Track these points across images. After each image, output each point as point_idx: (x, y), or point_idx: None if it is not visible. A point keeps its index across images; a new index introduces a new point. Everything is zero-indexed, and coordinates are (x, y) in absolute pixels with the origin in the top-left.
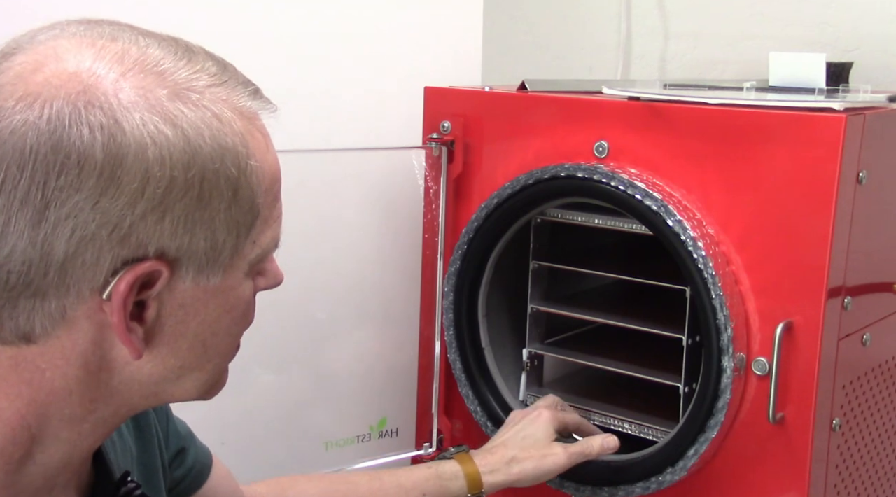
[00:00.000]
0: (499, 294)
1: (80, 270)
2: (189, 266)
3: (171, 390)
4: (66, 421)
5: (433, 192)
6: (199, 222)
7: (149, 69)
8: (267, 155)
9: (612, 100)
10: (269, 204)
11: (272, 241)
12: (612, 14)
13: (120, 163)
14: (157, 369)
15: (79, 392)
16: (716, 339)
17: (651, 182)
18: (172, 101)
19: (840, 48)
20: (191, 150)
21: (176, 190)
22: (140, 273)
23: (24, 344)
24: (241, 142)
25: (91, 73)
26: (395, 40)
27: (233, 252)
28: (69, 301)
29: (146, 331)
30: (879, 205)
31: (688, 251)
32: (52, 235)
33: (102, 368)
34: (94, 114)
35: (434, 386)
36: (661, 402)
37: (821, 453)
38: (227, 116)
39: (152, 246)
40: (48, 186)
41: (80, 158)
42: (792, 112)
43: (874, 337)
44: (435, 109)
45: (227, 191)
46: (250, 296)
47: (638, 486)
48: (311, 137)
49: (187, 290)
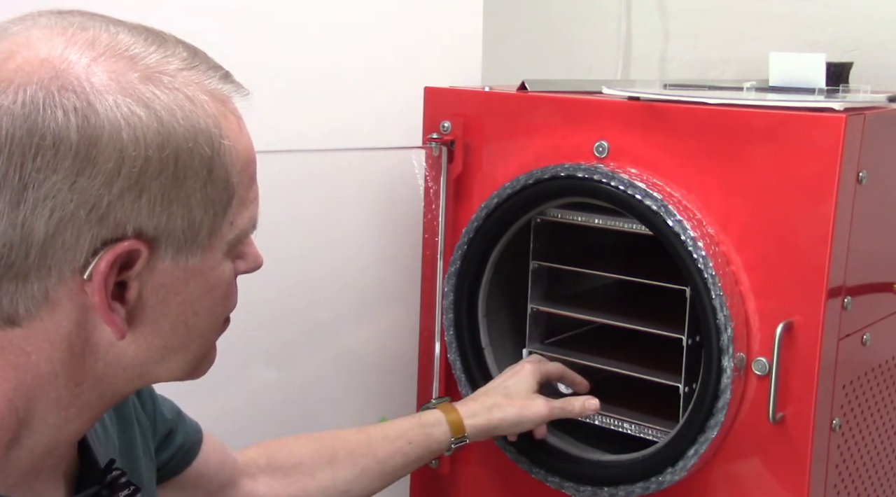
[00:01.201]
0: (499, 294)
1: (61, 251)
2: (168, 245)
3: (155, 371)
4: (52, 405)
5: (433, 192)
6: (175, 201)
7: (120, 54)
8: (240, 137)
9: (612, 100)
10: (244, 185)
11: (249, 223)
12: (612, 14)
13: (94, 143)
14: (141, 350)
15: (64, 375)
16: (716, 339)
17: (651, 182)
18: (145, 84)
19: (840, 48)
20: (164, 131)
21: (151, 169)
22: (119, 252)
23: (9, 327)
24: (213, 123)
25: (63, 59)
26: (395, 40)
27: (210, 231)
28: (51, 282)
29: (128, 311)
30: (879, 205)
31: (688, 251)
32: (31, 216)
33: (87, 351)
34: (68, 97)
35: (434, 386)
36: (661, 402)
37: (821, 453)
38: (200, 98)
39: (130, 225)
40: (25, 168)
41: (55, 140)
42: (792, 112)
43: (874, 337)
44: (435, 109)
45: (201, 170)
46: (230, 277)
47: (638, 486)
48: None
49: (167, 269)
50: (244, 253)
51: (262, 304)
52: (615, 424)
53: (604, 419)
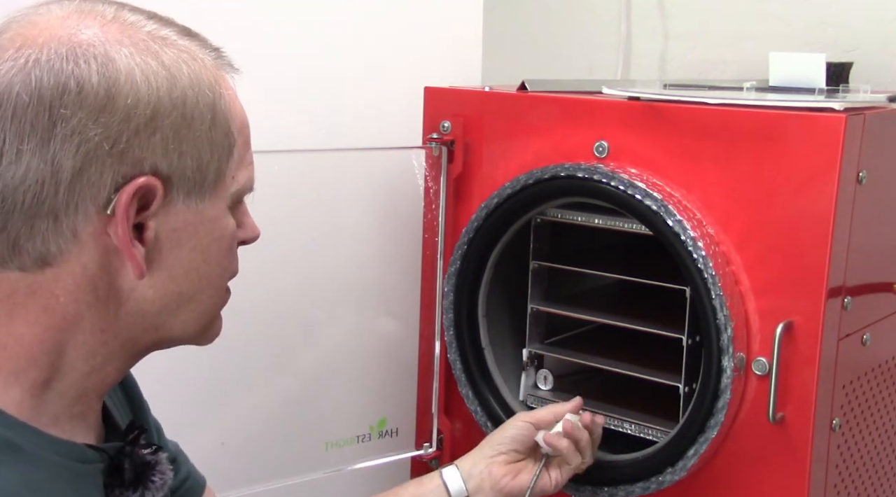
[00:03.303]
0: (499, 294)
1: (87, 187)
2: (180, 187)
3: (171, 322)
4: (80, 350)
5: (433, 192)
6: (184, 141)
7: (128, 23)
8: (236, 100)
9: (612, 100)
10: (242, 143)
11: (248, 182)
12: (612, 14)
13: (113, 83)
14: (159, 296)
15: (90, 319)
16: (716, 339)
17: (651, 182)
18: (153, 41)
19: (840, 48)
20: (171, 77)
21: (163, 108)
22: (139, 186)
23: (40, 269)
24: (213, 78)
25: (81, 25)
26: (395, 40)
27: (216, 177)
28: (79, 219)
29: (147, 252)
30: (879, 205)
31: (688, 251)
32: (60, 152)
33: (110, 295)
34: (87, 50)
35: (434, 386)
36: (661, 402)
37: (821, 453)
38: (200, 57)
39: (147, 162)
40: (54, 107)
41: (78, 82)
42: (792, 112)
43: (874, 337)
44: (435, 109)
45: (206, 113)
46: (233, 233)
47: (638, 486)
48: (311, 137)
49: (180, 213)
50: (243, 222)
51: (262, 303)
52: (615, 424)
53: (604, 419)
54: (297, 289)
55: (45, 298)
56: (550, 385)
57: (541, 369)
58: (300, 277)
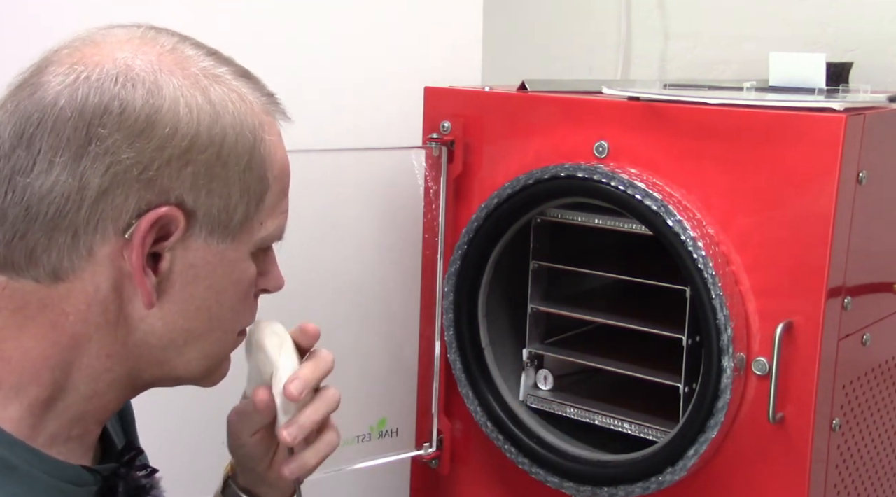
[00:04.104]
0: (499, 294)
1: (110, 208)
2: (203, 224)
3: (176, 360)
4: (84, 372)
5: (433, 192)
6: (216, 179)
7: (185, 56)
8: (280, 146)
9: (612, 100)
10: (277, 190)
11: (277, 230)
12: (612, 14)
13: (156, 111)
14: (167, 330)
15: (97, 341)
16: (716, 339)
17: (651, 182)
18: (204, 78)
19: (840, 48)
20: (215, 114)
21: (200, 143)
22: (160, 215)
23: (54, 282)
24: (258, 122)
25: (138, 52)
26: (395, 40)
27: (243, 220)
28: (96, 239)
29: (159, 282)
30: (879, 205)
31: (688, 251)
32: (90, 169)
33: (120, 320)
34: (138, 75)
35: (434, 386)
36: (661, 402)
37: (821, 453)
38: (249, 99)
39: (174, 193)
40: (93, 125)
41: (122, 104)
42: (792, 112)
43: (874, 337)
44: (435, 109)
45: (243, 155)
46: (252, 279)
47: (638, 486)
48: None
49: (199, 249)
50: (267, 270)
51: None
52: (615, 424)
53: (604, 419)
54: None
55: (55, 314)
56: (550, 385)
57: (541, 369)
58: (300, 277)
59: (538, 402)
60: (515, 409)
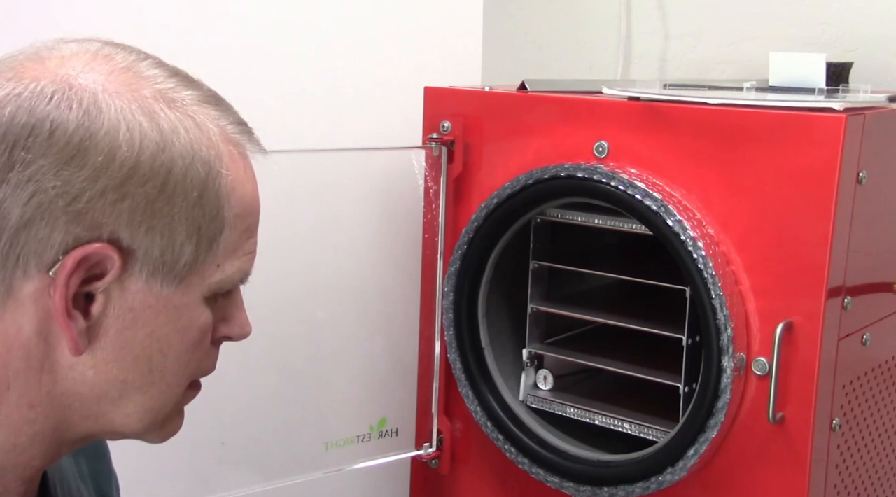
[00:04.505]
0: (499, 294)
1: (33, 241)
2: (144, 264)
3: (111, 414)
4: (2, 423)
5: (433, 192)
6: (158, 215)
7: (139, 75)
8: (245, 181)
9: (612, 100)
10: (239, 230)
11: (238, 273)
12: (612, 14)
13: (90, 136)
14: (100, 380)
15: (18, 389)
16: (716, 339)
17: (651, 182)
18: (156, 101)
19: (840, 48)
20: (162, 142)
21: (139, 175)
22: (89, 253)
23: None
24: (216, 154)
25: (84, 67)
26: (395, 40)
27: (192, 262)
28: (16, 275)
29: (90, 327)
30: (879, 205)
31: (688, 251)
32: (10, 197)
33: (45, 368)
34: (77, 94)
35: (434, 386)
36: (661, 402)
37: (821, 453)
38: (208, 127)
39: (107, 228)
40: (17, 147)
41: (52, 126)
42: (792, 112)
43: (874, 337)
44: (435, 109)
45: (192, 190)
46: (206, 327)
47: (638, 486)
48: (311, 137)
49: (139, 292)
50: (230, 315)
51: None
52: (615, 424)
53: (604, 419)
54: (296, 289)
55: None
56: (550, 385)
57: (541, 369)
58: (300, 277)
59: (538, 402)
60: (515, 409)
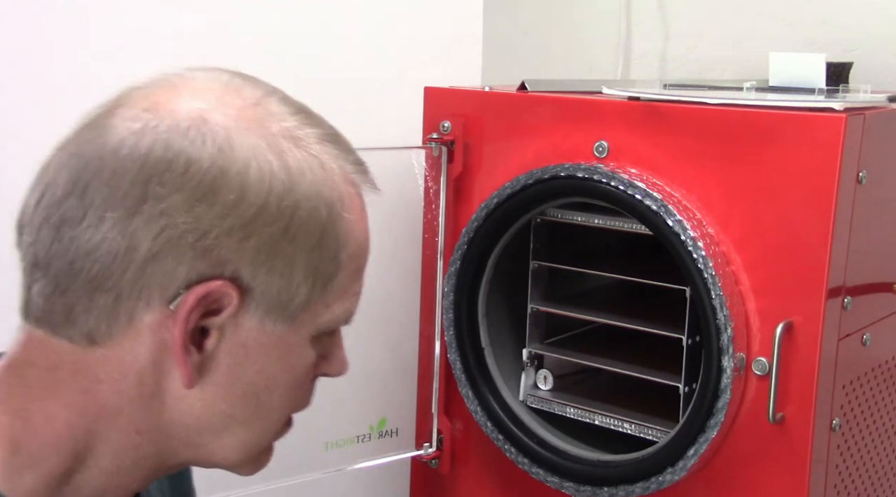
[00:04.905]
0: (499, 294)
1: (158, 274)
2: (260, 302)
3: (212, 445)
4: (110, 446)
5: (433, 192)
6: (280, 255)
7: (268, 113)
8: (360, 222)
9: (612, 100)
10: (350, 272)
11: (344, 314)
12: (612, 14)
13: (222, 174)
14: (207, 412)
15: (128, 414)
16: (716, 339)
17: (651, 182)
18: (283, 139)
19: (840, 48)
20: (290, 183)
21: (267, 214)
22: (211, 289)
23: (89, 345)
24: (338, 196)
25: (217, 101)
26: (395, 40)
27: (305, 302)
28: (139, 306)
29: (203, 360)
30: (879, 205)
31: (688, 251)
32: (142, 229)
33: (155, 396)
34: (211, 129)
35: (434, 386)
36: (661, 402)
37: (821, 453)
38: (331, 168)
39: (230, 266)
40: (152, 181)
41: (187, 162)
42: (792, 112)
43: (874, 337)
44: (435, 109)
45: (314, 232)
46: (309, 367)
47: (638, 486)
48: None
49: (252, 329)
50: (331, 353)
51: None
52: (615, 424)
53: (604, 419)
54: None
55: (87, 380)
56: (550, 385)
57: (541, 369)
58: None
59: (538, 402)
60: (515, 409)
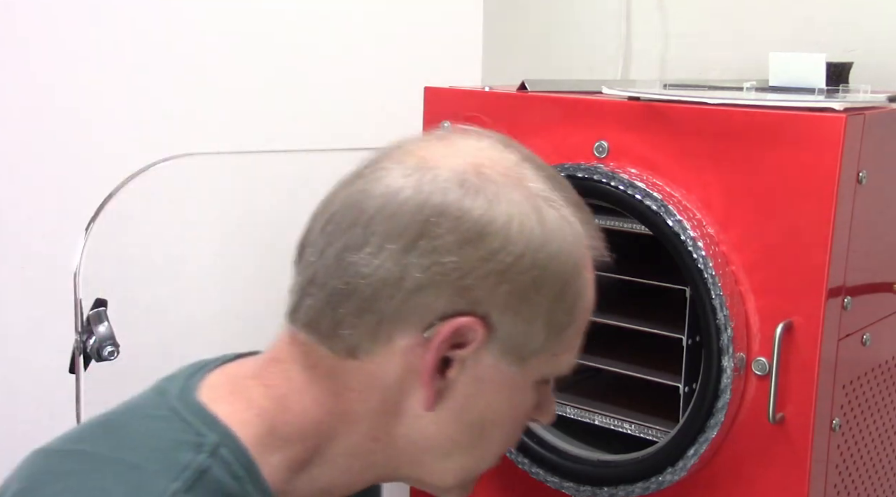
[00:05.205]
0: None
1: (420, 305)
2: (500, 342)
3: (434, 466)
4: (346, 447)
5: None
6: (526, 303)
7: (527, 175)
8: (592, 283)
9: (612, 100)
10: (579, 325)
11: (566, 365)
12: (612, 14)
13: (490, 224)
14: (437, 434)
15: (368, 423)
16: (716, 339)
17: (651, 182)
18: (544, 201)
19: (840, 48)
20: (544, 239)
21: (522, 265)
22: (463, 324)
23: (347, 357)
24: (579, 255)
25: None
26: (395, 40)
27: (538, 349)
28: (397, 330)
29: (443, 387)
30: (879, 205)
31: (688, 251)
32: (414, 262)
33: (395, 412)
34: (483, 184)
35: None
36: (661, 402)
37: (821, 453)
38: (578, 233)
39: (482, 306)
40: (429, 222)
41: (460, 212)
42: (792, 112)
43: (874, 337)
44: (435, 109)
45: (557, 286)
46: (530, 407)
47: (638, 486)
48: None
49: (489, 366)
50: (544, 401)
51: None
52: (615, 424)
53: (604, 419)
54: None
55: (338, 385)
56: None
57: None
58: None
59: None
60: None
